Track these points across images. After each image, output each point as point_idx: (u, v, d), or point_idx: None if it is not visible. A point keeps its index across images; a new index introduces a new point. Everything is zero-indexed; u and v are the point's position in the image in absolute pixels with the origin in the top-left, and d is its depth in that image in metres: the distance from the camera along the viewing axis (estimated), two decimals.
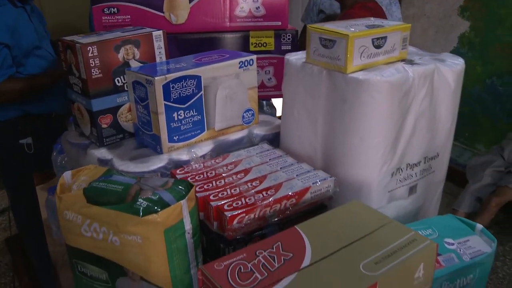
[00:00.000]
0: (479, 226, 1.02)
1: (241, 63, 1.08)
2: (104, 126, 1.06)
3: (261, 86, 1.43)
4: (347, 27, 0.93)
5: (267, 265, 0.68)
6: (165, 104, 0.98)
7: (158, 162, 0.98)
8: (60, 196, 0.81)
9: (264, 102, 1.52)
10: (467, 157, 3.22)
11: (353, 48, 0.89)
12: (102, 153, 1.05)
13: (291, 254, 0.70)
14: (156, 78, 0.95)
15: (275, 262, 0.68)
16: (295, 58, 1.02)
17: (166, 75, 0.97)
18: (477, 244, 0.97)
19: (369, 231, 0.76)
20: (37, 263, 2.05)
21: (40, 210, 1.62)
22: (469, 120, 3.48)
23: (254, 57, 1.12)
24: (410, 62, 1.00)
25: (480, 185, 2.64)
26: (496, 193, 2.56)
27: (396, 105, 0.92)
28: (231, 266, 0.68)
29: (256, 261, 0.68)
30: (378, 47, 0.94)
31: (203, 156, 1.01)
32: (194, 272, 0.82)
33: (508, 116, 3.05)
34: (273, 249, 0.71)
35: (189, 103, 1.02)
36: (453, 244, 0.96)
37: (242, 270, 0.67)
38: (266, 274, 0.66)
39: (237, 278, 0.65)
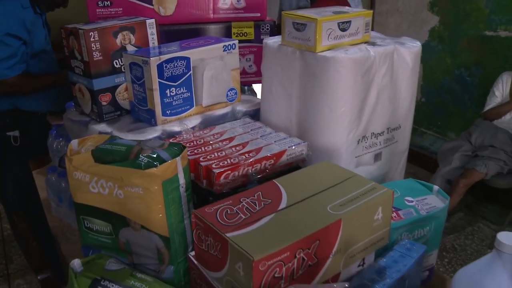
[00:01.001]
0: (436, 187, 1.15)
1: (224, 46, 1.23)
2: (104, 103, 1.19)
3: (243, 73, 1.57)
4: (317, 13, 1.08)
5: (250, 208, 0.82)
6: (159, 81, 1.11)
7: (153, 133, 1.12)
8: (71, 158, 0.94)
9: (246, 87, 1.66)
10: (440, 145, 3.40)
11: (321, 31, 1.04)
12: (102, 127, 1.19)
13: (270, 200, 0.84)
14: (151, 58, 1.09)
15: (256, 206, 0.82)
16: (272, 41, 1.17)
17: (160, 56, 1.11)
18: (433, 201, 1.11)
19: (336, 182, 0.90)
20: (39, 240, 2.16)
21: (38, 191, 1.74)
22: (441, 110, 3.66)
23: (236, 41, 1.26)
24: (373, 44, 1.15)
25: (449, 168, 2.82)
26: (464, 175, 2.74)
27: (359, 79, 1.07)
28: (219, 209, 0.81)
29: (240, 206, 0.82)
30: (343, 30, 1.09)
31: (193, 128, 1.15)
32: (187, 222, 0.95)
33: (476, 105, 3.24)
34: (254, 196, 0.85)
35: (179, 81, 1.15)
36: (412, 201, 1.10)
37: (228, 212, 0.81)
38: (249, 214, 0.80)
39: (225, 218, 0.79)
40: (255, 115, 1.27)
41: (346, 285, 0.74)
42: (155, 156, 0.89)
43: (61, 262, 1.31)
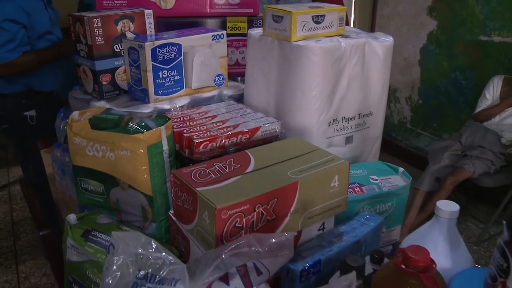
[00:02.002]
0: (401, 169, 1.27)
1: (213, 36, 1.37)
2: (104, 83, 1.34)
3: (236, 64, 1.71)
4: (294, 7, 1.21)
5: (220, 170, 0.95)
6: (152, 64, 1.26)
7: (145, 109, 1.26)
8: (71, 125, 1.09)
9: (239, 78, 1.79)
10: None
11: (296, 22, 1.17)
12: (102, 104, 1.33)
13: (239, 165, 0.97)
14: (146, 43, 1.23)
15: (226, 169, 0.95)
16: (255, 32, 1.31)
17: (154, 42, 1.25)
18: (396, 181, 1.23)
19: (300, 154, 1.03)
20: (43, 208, 2.32)
21: (44, 168, 1.89)
22: (437, 112, 3.77)
23: (224, 32, 1.40)
24: (346, 37, 1.28)
25: (439, 166, 2.92)
26: (452, 173, 2.85)
27: (329, 66, 1.20)
28: (194, 170, 0.95)
29: (212, 168, 0.95)
30: (317, 22, 1.22)
31: (181, 107, 1.29)
32: (169, 185, 1.09)
33: (470, 107, 3.34)
34: (226, 162, 0.98)
35: (171, 65, 1.29)
36: (377, 180, 1.22)
37: (201, 173, 0.94)
38: (219, 175, 0.93)
39: (198, 177, 0.92)
40: (239, 99, 1.41)
41: (295, 234, 0.86)
42: (142, 124, 1.03)
43: (60, 225, 1.45)
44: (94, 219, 1.08)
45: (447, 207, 0.96)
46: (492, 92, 3.03)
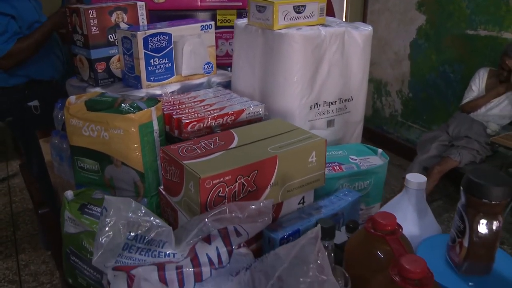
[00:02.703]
0: (380, 150, 1.35)
1: (202, 26, 1.45)
2: (99, 71, 1.42)
3: (226, 55, 1.79)
4: None
5: (206, 146, 1.03)
6: (144, 52, 1.34)
7: (138, 94, 1.34)
8: (68, 107, 1.17)
9: (229, 68, 1.87)
10: None
11: (278, 12, 1.25)
12: (97, 90, 1.41)
13: (223, 142, 1.05)
14: (138, 32, 1.32)
15: (211, 145, 1.03)
16: (241, 22, 1.39)
17: (146, 31, 1.33)
18: (374, 161, 1.31)
19: (281, 132, 1.11)
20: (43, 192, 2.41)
21: (43, 156, 1.98)
22: (426, 105, 3.86)
23: (212, 22, 1.48)
24: (326, 26, 1.36)
25: (427, 156, 3.01)
26: (439, 162, 2.94)
27: (310, 53, 1.28)
28: (181, 147, 1.03)
29: (199, 145, 1.03)
30: (298, 12, 1.30)
31: (172, 92, 1.37)
32: (159, 163, 1.17)
33: (458, 100, 3.43)
34: (211, 140, 1.06)
35: (162, 53, 1.38)
36: (356, 159, 1.30)
37: (188, 149, 1.02)
38: (204, 150, 1.01)
39: (185, 152, 1.00)
40: (227, 86, 1.49)
41: (272, 201, 0.95)
42: (134, 105, 1.11)
43: (59, 208, 1.53)
44: (90, 195, 1.16)
45: (416, 179, 1.05)
46: (478, 84, 3.13)
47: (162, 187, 1.10)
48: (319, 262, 0.71)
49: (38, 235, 2.97)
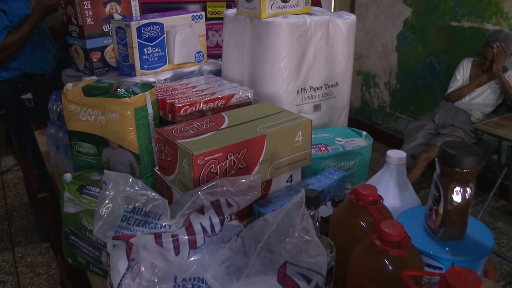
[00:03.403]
0: (364, 132, 1.41)
1: (193, 16, 1.51)
2: (94, 60, 1.48)
3: (216, 46, 1.85)
4: None
5: (198, 127, 1.09)
6: (138, 41, 1.40)
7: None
8: (66, 93, 1.22)
9: (220, 59, 1.93)
10: None
11: (265, 1, 1.32)
12: (93, 79, 1.46)
13: (215, 123, 1.11)
14: (132, 22, 1.38)
15: (203, 126, 1.09)
16: (230, 12, 1.45)
17: (139, 21, 1.39)
18: (359, 142, 1.37)
19: (269, 114, 1.17)
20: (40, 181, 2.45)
21: (39, 146, 2.03)
22: (413, 95, 3.94)
23: (202, 13, 1.54)
24: (311, 14, 1.43)
25: (413, 145, 3.09)
26: (426, 150, 3.02)
27: (295, 40, 1.34)
28: (175, 128, 1.09)
29: (191, 126, 1.09)
30: (285, 1, 1.37)
31: (165, 80, 1.43)
32: (154, 145, 1.23)
33: (443, 90, 3.51)
34: (203, 121, 1.12)
35: (155, 42, 1.44)
36: (341, 141, 1.37)
37: (181, 130, 1.08)
38: (196, 131, 1.07)
39: (178, 132, 1.06)
40: (218, 73, 1.56)
41: (261, 175, 1.01)
42: (129, 90, 1.17)
43: (56, 195, 1.59)
44: (88, 177, 1.22)
45: (396, 155, 1.12)
46: (462, 73, 3.21)
47: (157, 167, 1.16)
48: (303, 224, 0.77)
49: (34, 228, 3.01)
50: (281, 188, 1.16)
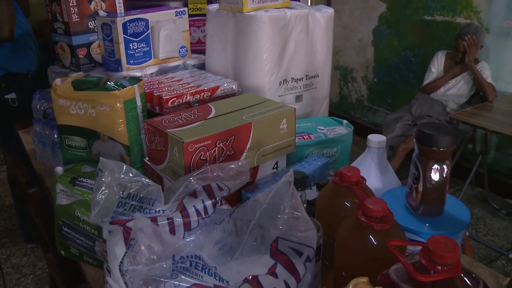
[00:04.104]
0: (345, 121, 1.47)
1: (176, 12, 1.55)
2: (81, 56, 1.51)
3: (198, 42, 1.89)
4: None
5: (186, 117, 1.13)
6: (124, 37, 1.43)
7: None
8: (55, 88, 1.25)
9: (202, 54, 1.97)
10: None
11: None
12: (81, 74, 1.49)
13: (202, 113, 1.15)
14: (117, 18, 1.41)
15: (191, 117, 1.14)
16: (212, 7, 1.50)
17: (124, 17, 1.42)
18: (340, 130, 1.43)
19: (254, 103, 1.22)
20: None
21: (24, 145, 2.04)
22: (390, 89, 4.04)
23: (185, 8, 1.59)
24: (291, 8, 1.48)
25: (392, 136, 3.17)
26: (404, 141, 3.11)
27: (277, 33, 1.39)
28: (164, 118, 1.12)
29: (180, 116, 1.13)
30: None
31: (151, 74, 1.47)
32: (143, 137, 1.27)
33: (419, 82, 3.60)
34: (191, 112, 1.16)
35: (140, 37, 1.47)
36: (323, 129, 1.42)
37: (170, 120, 1.12)
38: (185, 121, 1.11)
39: (167, 122, 1.10)
40: (202, 67, 1.60)
41: (249, 160, 1.06)
42: (118, 83, 1.20)
43: (44, 191, 1.61)
44: (79, 169, 1.24)
45: (376, 138, 1.18)
46: (437, 66, 3.31)
47: (146, 158, 1.20)
48: (293, 201, 0.82)
49: (19, 229, 3.00)
50: (268, 175, 1.21)
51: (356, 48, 4.24)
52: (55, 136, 1.72)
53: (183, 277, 0.74)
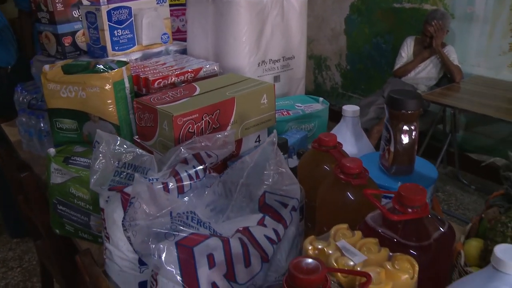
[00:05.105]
0: (321, 99, 1.56)
1: (157, 0, 1.62)
2: (66, 44, 1.57)
3: (177, 31, 1.96)
4: None
5: (173, 95, 1.20)
6: (108, 24, 1.50)
7: None
8: (45, 73, 1.31)
9: (182, 43, 2.04)
10: None
11: None
12: (69, 60, 1.55)
13: (188, 91, 1.23)
14: (102, 6, 1.47)
15: (178, 94, 1.21)
16: None
17: (108, 5, 1.49)
18: (317, 107, 1.52)
19: (236, 81, 1.30)
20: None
21: (8, 138, 2.08)
22: (363, 75, 4.16)
23: None
24: None
25: (366, 119, 3.29)
26: (378, 123, 3.23)
27: (254, 17, 1.48)
28: (152, 96, 1.20)
29: (167, 95, 1.21)
30: None
31: (136, 59, 1.54)
32: (132, 117, 1.34)
33: (391, 67, 3.72)
34: (177, 91, 1.24)
35: (124, 25, 1.54)
36: (301, 106, 1.51)
37: (158, 98, 1.19)
38: (172, 98, 1.19)
39: (156, 100, 1.17)
40: (183, 53, 1.67)
41: (234, 131, 1.14)
42: (107, 66, 1.27)
43: (35, 176, 1.66)
44: (71, 149, 1.31)
45: (351, 108, 1.27)
46: (407, 51, 3.45)
47: (136, 136, 1.27)
48: (277, 158, 0.91)
49: (3, 224, 3.03)
50: (251, 148, 1.29)
51: (329, 37, 4.35)
52: (41, 125, 1.77)
53: (182, 228, 0.82)
